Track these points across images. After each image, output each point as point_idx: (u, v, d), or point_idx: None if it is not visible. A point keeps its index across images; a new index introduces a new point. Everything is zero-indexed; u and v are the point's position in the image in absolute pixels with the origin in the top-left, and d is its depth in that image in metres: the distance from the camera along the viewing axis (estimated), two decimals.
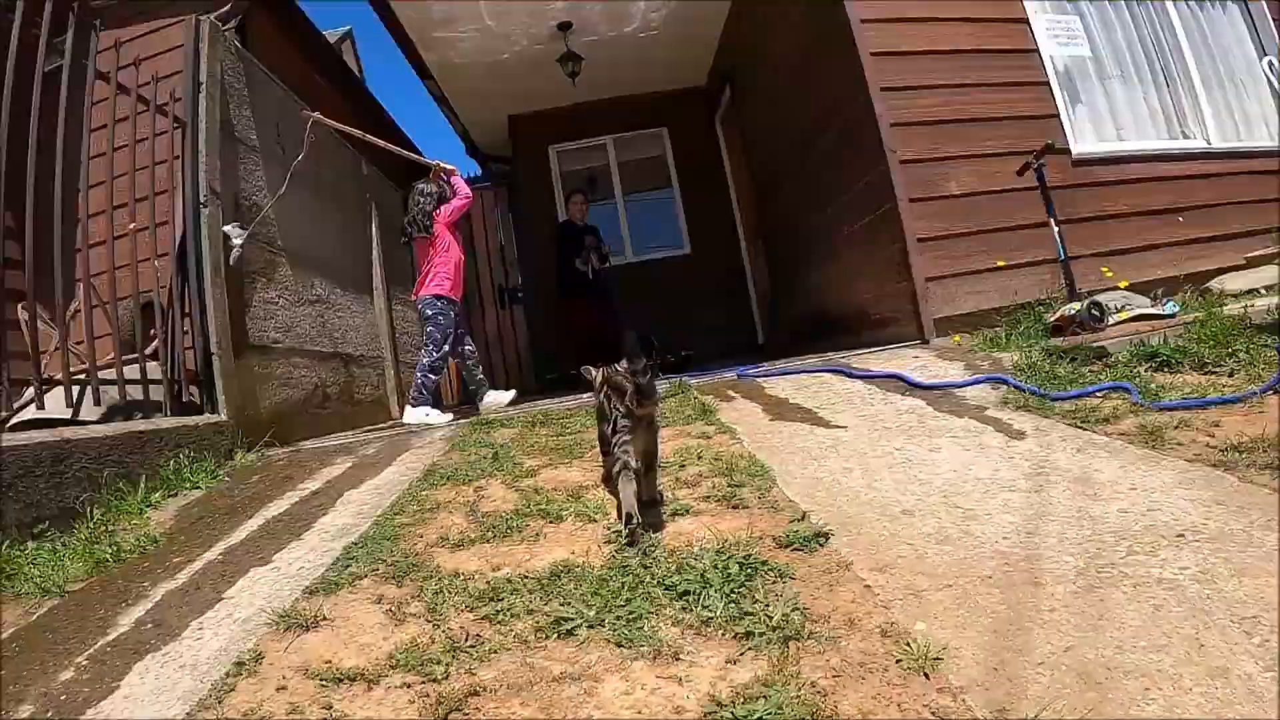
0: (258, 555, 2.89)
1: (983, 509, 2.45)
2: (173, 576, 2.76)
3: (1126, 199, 6.26)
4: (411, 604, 2.22)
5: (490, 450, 4.05)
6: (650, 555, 2.35)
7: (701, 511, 2.74)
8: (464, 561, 2.52)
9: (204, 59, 5.46)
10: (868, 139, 6.02)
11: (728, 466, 3.18)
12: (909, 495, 2.66)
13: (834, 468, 3.08)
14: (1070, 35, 6.61)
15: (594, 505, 2.92)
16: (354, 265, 8.05)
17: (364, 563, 2.57)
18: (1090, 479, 2.58)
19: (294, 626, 2.14)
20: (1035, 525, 2.27)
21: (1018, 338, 5.05)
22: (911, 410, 3.84)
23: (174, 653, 2.15)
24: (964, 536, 2.26)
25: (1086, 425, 3.19)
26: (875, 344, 6.19)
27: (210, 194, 5.26)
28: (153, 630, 2.31)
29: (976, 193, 5.96)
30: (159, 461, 4.13)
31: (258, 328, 5.69)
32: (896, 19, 6.16)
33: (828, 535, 2.34)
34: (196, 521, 3.49)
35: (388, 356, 8.52)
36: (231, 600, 2.47)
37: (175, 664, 2.08)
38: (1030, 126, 6.08)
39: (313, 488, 3.87)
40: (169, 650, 2.16)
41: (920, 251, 5.75)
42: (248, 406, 5.25)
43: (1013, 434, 3.21)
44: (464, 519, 2.97)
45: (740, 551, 2.25)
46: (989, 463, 2.88)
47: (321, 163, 7.26)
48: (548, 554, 2.51)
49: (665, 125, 12.29)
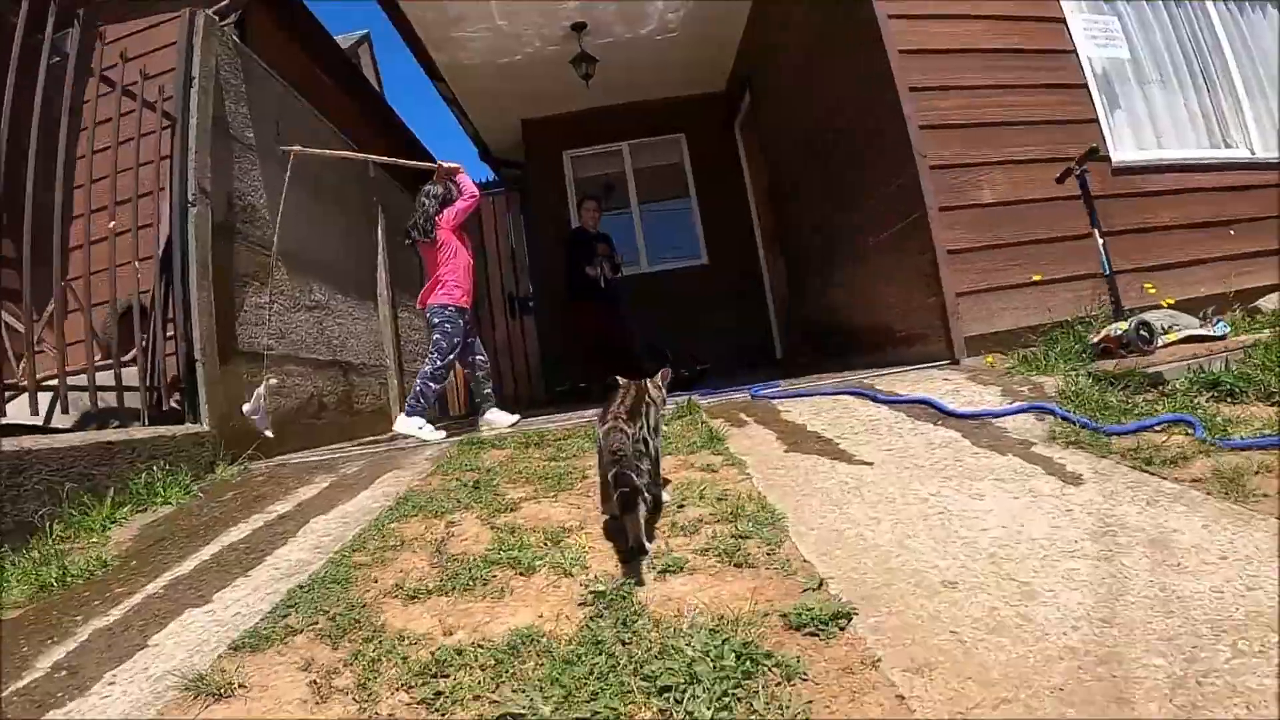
0: (199, 593, 2.67)
1: (1043, 583, 2.00)
2: (108, 612, 2.59)
3: (1168, 210, 5.86)
4: (342, 674, 1.93)
5: (475, 475, 3.74)
6: (630, 627, 1.96)
7: (698, 568, 2.32)
8: (415, 619, 2.21)
9: (197, 53, 5.31)
10: (894, 142, 5.62)
11: (733, 510, 2.76)
12: (950, 559, 2.21)
13: (858, 516, 2.64)
14: (1109, 36, 6.23)
15: (573, 555, 2.53)
16: (357, 270, 7.84)
17: (304, 612, 2.31)
18: (1169, 543, 2.13)
19: (204, 694, 1.90)
20: (1110, 609, 1.82)
21: (1058, 359, 4.60)
22: (946, 443, 3.39)
23: (77, 711, 1.96)
24: (1022, 624, 1.81)
25: (1152, 468, 2.74)
26: (900, 362, 5.78)
27: (199, 192, 5.08)
28: (65, 679, 2.13)
29: (1011, 201, 5.57)
30: (129, 474, 3.97)
31: (248, 333, 5.53)
32: (926, 15, 5.78)
33: (849, 615, 1.90)
34: (154, 544, 3.31)
35: (391, 365, 8.32)
36: (155, 649, 2.26)
37: None
38: (1068, 131, 5.70)
39: (281, 510, 3.66)
40: (73, 708, 1.97)
41: (950, 264, 5.33)
42: (233, 416, 5.05)
43: (1068, 478, 2.76)
44: (427, 561, 2.67)
45: (740, 634, 1.83)
46: (1044, 516, 2.43)
47: (325, 163, 6.99)
48: (511, 616, 2.16)
49: (682, 131, 11.96)
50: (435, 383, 5.93)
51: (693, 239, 11.79)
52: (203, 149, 5.18)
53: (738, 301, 11.11)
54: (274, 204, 6.03)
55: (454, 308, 5.93)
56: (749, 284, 11.32)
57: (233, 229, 5.52)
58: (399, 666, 1.91)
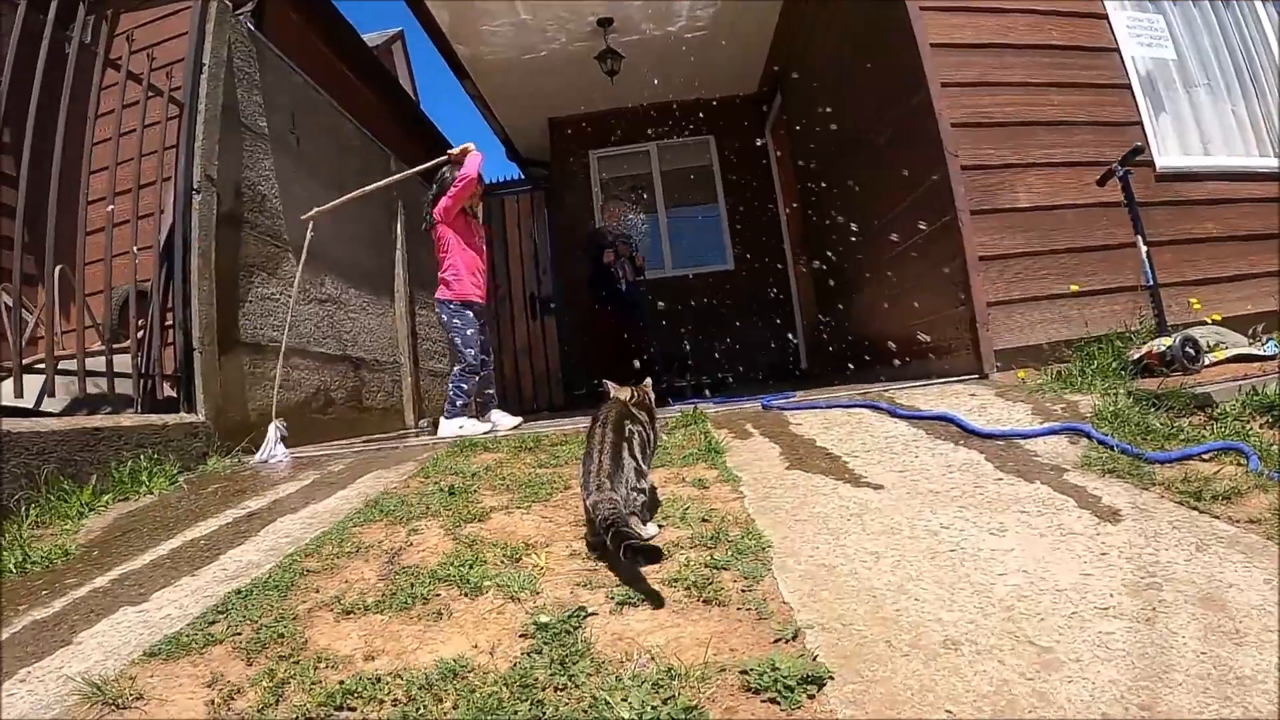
0: (140, 590, 2.59)
1: (1068, 649, 1.62)
2: (50, 603, 2.55)
3: (1216, 221, 5.49)
4: (246, 695, 1.78)
5: (455, 480, 3.54)
6: (568, 669, 1.68)
7: (663, 602, 2.00)
8: (342, 638, 2.03)
9: (209, 39, 5.29)
10: (925, 140, 5.29)
11: (715, 534, 2.45)
12: (957, 611, 1.83)
13: (855, 549, 2.28)
14: (1154, 35, 5.88)
15: (526, 577, 2.26)
16: (374, 265, 7.77)
17: (232, 620, 2.19)
18: (1224, 601, 1.75)
19: (103, 703, 1.79)
20: (1152, 691, 1.44)
21: (1094, 376, 4.23)
22: (967, 466, 3.02)
23: None
24: (1040, 705, 1.44)
25: (1201, 505, 2.35)
26: (925, 375, 5.46)
27: (205, 179, 5.04)
28: None
29: (1047, 206, 5.22)
30: (114, 462, 3.94)
31: (252, 324, 5.49)
32: (959, 8, 5.48)
33: (822, 680, 1.54)
34: (121, 535, 3.26)
35: (405, 363, 8.25)
36: (77, 647, 2.18)
37: None
38: (1109, 133, 5.38)
39: (254, 507, 3.56)
40: None
41: (981, 270, 4.98)
42: (231, 407, 5.03)
43: (1103, 513, 2.36)
44: (375, 573, 2.48)
45: (686, 693, 1.51)
46: (1074, 561, 2.04)
47: (345, 157, 6.94)
48: (443, 644, 1.93)
49: (712, 133, 11.75)
50: (465, 383, 5.71)
51: (719, 244, 11.58)
52: (210, 136, 5.13)
53: (763, 309, 10.84)
54: (285, 195, 5.96)
55: (456, 303, 5.72)
56: (776, 292, 11.06)
57: (240, 218, 5.46)
58: (305, 693, 1.73)
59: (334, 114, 7.14)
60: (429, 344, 8.65)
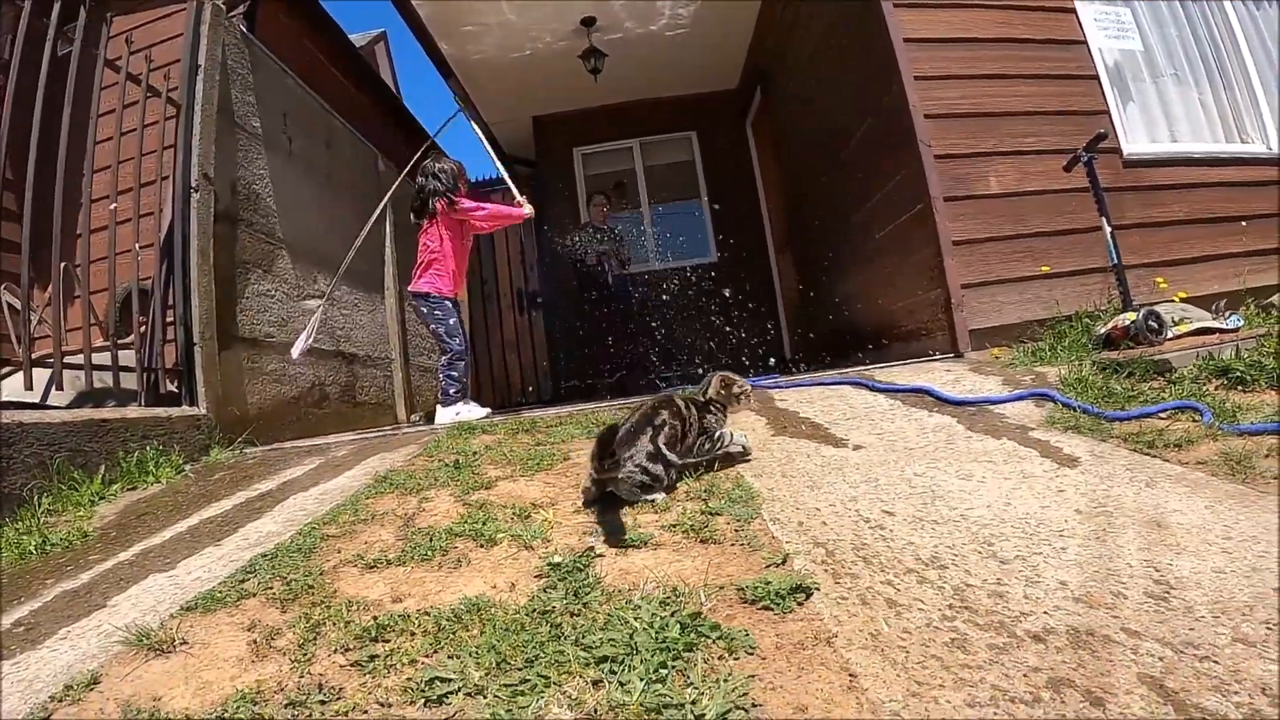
0: (166, 560, 2.68)
1: (1026, 561, 1.84)
2: (77, 576, 2.64)
3: (1182, 205, 5.72)
4: (284, 636, 1.88)
5: (458, 457, 3.65)
6: (582, 598, 1.85)
7: (663, 544, 2.19)
8: (368, 587, 2.14)
9: (204, 41, 5.33)
10: (900, 132, 5.49)
11: (708, 489, 2.65)
12: (928, 537, 2.05)
13: (837, 496, 2.48)
14: (1120, 28, 6.11)
15: (537, 528, 2.43)
16: (364, 262, 7.73)
17: (262, 578, 2.29)
18: (1168, 523, 1.97)
19: (148, 649, 1.88)
20: (1097, 588, 1.66)
21: (1064, 350, 4.44)
22: (940, 429, 3.23)
23: (25, 663, 1.97)
24: (998, 602, 1.65)
25: (1154, 451, 2.58)
26: (905, 357, 5.62)
27: (202, 179, 5.10)
28: (21, 635, 2.17)
29: (1018, 192, 5.43)
30: (121, 453, 4.00)
31: (249, 320, 5.55)
32: (931, 4, 5.68)
33: (810, 590, 1.75)
34: (137, 518, 3.34)
35: (396, 358, 8.28)
36: (112, 609, 2.27)
37: (14, 678, 1.89)
38: (1078, 123, 5.56)
39: (264, 489, 3.66)
40: (22, 660, 1.99)
41: (955, 255, 5.18)
42: (231, 401, 5.09)
43: (1063, 460, 2.59)
44: (393, 534, 2.60)
45: (689, 606, 1.70)
46: (1034, 498, 2.26)
47: (335, 156, 7.01)
48: (464, 586, 2.06)
49: (694, 129, 11.91)
50: (455, 370, 5.84)
51: (703, 237, 11.71)
52: (207, 136, 5.19)
53: (747, 300, 10.92)
54: (278, 194, 6.04)
55: (438, 296, 5.90)
56: (759, 282, 11.18)
57: (235, 216, 5.52)
58: (340, 630, 1.85)
59: (323, 114, 7.21)
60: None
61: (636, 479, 2.59)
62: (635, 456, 2.60)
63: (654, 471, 2.62)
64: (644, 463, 2.61)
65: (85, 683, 1.74)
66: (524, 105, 11.42)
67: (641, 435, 2.67)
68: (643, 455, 2.62)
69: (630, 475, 2.58)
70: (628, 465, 2.58)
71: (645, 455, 2.62)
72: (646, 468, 2.61)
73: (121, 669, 1.81)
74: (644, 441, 2.65)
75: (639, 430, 2.69)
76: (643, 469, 2.60)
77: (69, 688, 1.73)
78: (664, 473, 2.65)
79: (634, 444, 2.63)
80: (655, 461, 2.64)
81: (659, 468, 2.64)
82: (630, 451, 2.60)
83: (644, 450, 2.63)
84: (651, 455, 2.64)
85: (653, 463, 2.63)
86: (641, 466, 2.60)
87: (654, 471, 2.62)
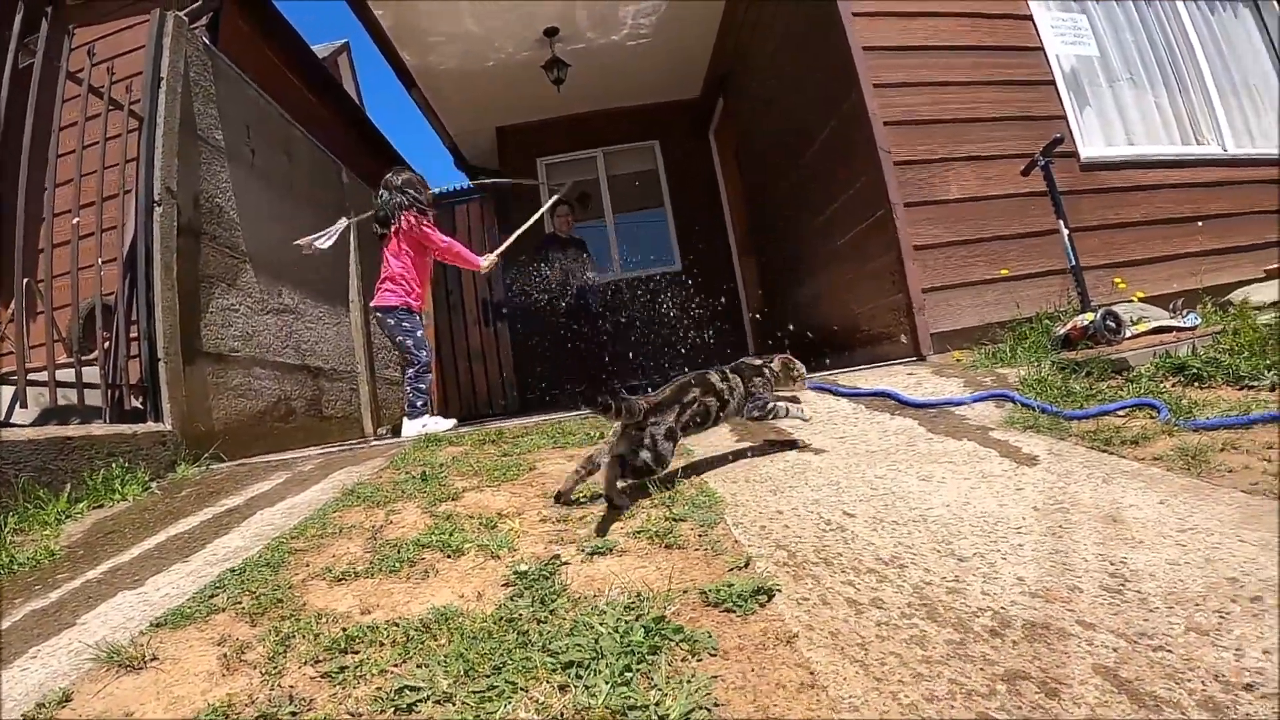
0: (135, 578, 2.67)
1: (983, 558, 1.87)
2: (46, 595, 2.63)
3: (1139, 207, 5.84)
4: (254, 649, 1.89)
5: (425, 469, 3.66)
6: (548, 605, 1.86)
7: (628, 550, 2.20)
8: (337, 599, 2.15)
9: (166, 53, 5.29)
10: (860, 140, 5.55)
11: (673, 496, 2.67)
12: (888, 537, 2.08)
13: (800, 500, 2.51)
14: (1077, 34, 6.22)
15: (504, 538, 2.43)
16: (329, 275, 7.73)
17: (230, 593, 2.29)
18: (1124, 518, 2.00)
19: (118, 666, 1.88)
20: (1053, 583, 1.69)
21: (1024, 352, 4.50)
22: (901, 431, 3.28)
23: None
24: (955, 598, 1.68)
25: (1111, 449, 2.63)
26: (869, 361, 5.70)
27: (165, 192, 5.04)
28: None
29: (978, 197, 5.50)
30: (87, 471, 3.96)
31: (214, 335, 5.49)
32: (890, 13, 5.75)
33: (771, 592, 1.77)
34: (104, 536, 3.32)
35: (362, 371, 8.23)
36: (82, 626, 2.27)
37: None
38: (1036, 128, 5.66)
39: (231, 504, 3.64)
40: None
41: (916, 260, 5.24)
42: (196, 417, 5.03)
43: (1022, 459, 2.64)
44: (361, 547, 2.60)
45: (654, 610, 1.71)
46: (993, 497, 2.30)
47: (296, 167, 6.96)
48: (431, 596, 2.08)
49: (657, 138, 11.98)
50: (422, 382, 5.86)
51: (667, 245, 11.75)
52: (169, 149, 5.14)
53: (711, 307, 10.95)
54: (241, 207, 6.00)
55: (404, 309, 5.92)
56: (723, 289, 11.21)
57: (199, 230, 5.47)
58: (310, 643, 1.86)
59: (286, 125, 7.16)
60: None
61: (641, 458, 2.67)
62: (658, 427, 2.69)
63: (661, 449, 2.70)
64: (659, 436, 2.70)
65: (57, 700, 1.74)
66: (487, 116, 11.41)
67: (670, 410, 2.77)
68: (663, 430, 2.71)
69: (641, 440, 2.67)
70: (647, 431, 2.67)
71: (665, 431, 2.72)
72: (658, 442, 2.69)
73: (93, 686, 1.81)
74: (669, 418, 2.75)
75: (670, 404, 2.79)
76: (655, 441, 2.68)
77: (41, 705, 1.73)
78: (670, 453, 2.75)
79: (664, 415, 2.74)
80: (670, 439, 2.74)
81: (669, 445, 2.74)
82: (656, 419, 2.71)
83: (665, 426, 2.72)
84: (670, 432, 2.74)
85: (668, 440, 2.73)
86: (655, 438, 2.68)
87: (661, 449, 2.70)
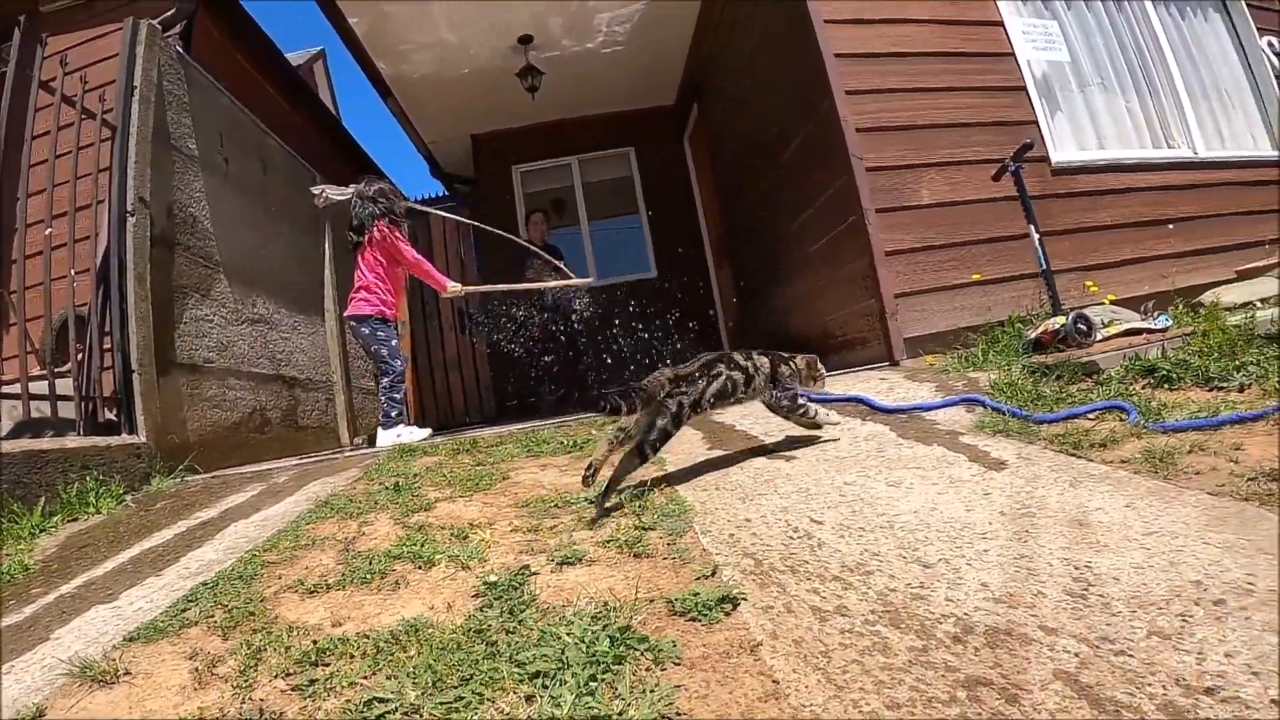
0: (108, 591, 2.66)
1: (949, 564, 1.87)
2: (20, 610, 2.61)
3: (1110, 210, 5.89)
4: (226, 663, 1.88)
5: (399, 480, 3.65)
6: (517, 616, 1.86)
7: (597, 559, 2.20)
8: (308, 612, 2.15)
9: (139, 61, 5.21)
10: (832, 146, 5.57)
11: (643, 504, 2.67)
12: (854, 544, 2.08)
13: (767, 507, 2.51)
14: (1048, 40, 6.28)
15: (475, 548, 2.43)
16: (303, 284, 7.69)
17: (203, 606, 2.29)
18: (1089, 521, 2.01)
19: (91, 681, 1.87)
20: (1017, 588, 1.69)
21: (996, 356, 4.52)
22: (871, 437, 3.29)
23: None
24: (919, 604, 1.68)
25: (1079, 452, 2.64)
26: (843, 366, 5.69)
27: (138, 202, 4.97)
28: None
29: (950, 202, 5.53)
30: (61, 484, 3.95)
31: (188, 346, 5.43)
32: (862, 19, 5.78)
33: (737, 601, 1.77)
34: (78, 550, 3.30)
35: (338, 380, 8.15)
36: (55, 641, 2.26)
37: None
38: (1007, 133, 5.68)
39: (205, 517, 3.63)
40: None
41: (888, 265, 5.27)
42: (171, 428, 4.96)
43: (991, 464, 2.65)
44: (333, 559, 2.60)
45: (620, 619, 1.71)
46: (960, 502, 2.30)
47: (271, 175, 6.92)
48: (402, 608, 2.07)
49: (632, 145, 11.99)
50: (396, 392, 5.90)
51: (642, 252, 11.78)
52: (142, 159, 5.08)
53: (687, 314, 10.96)
54: (215, 216, 5.95)
55: (379, 319, 5.93)
56: (698, 295, 11.25)
57: (172, 240, 5.41)
58: (281, 655, 1.85)
59: (260, 133, 7.10)
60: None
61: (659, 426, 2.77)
62: (684, 396, 2.84)
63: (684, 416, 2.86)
64: (686, 404, 2.85)
65: (30, 716, 1.73)
66: (463, 123, 11.40)
67: (697, 382, 2.92)
68: (689, 400, 2.86)
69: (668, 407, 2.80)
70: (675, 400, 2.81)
71: (690, 402, 2.86)
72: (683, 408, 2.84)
73: (66, 701, 1.81)
74: (696, 389, 2.90)
75: (697, 376, 2.93)
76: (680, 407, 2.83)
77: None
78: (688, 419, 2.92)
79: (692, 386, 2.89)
80: (695, 410, 2.91)
81: (687, 413, 2.87)
82: (685, 388, 2.86)
83: (692, 396, 2.87)
84: (694, 403, 2.88)
85: (693, 410, 2.89)
86: (682, 405, 2.83)
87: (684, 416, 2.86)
